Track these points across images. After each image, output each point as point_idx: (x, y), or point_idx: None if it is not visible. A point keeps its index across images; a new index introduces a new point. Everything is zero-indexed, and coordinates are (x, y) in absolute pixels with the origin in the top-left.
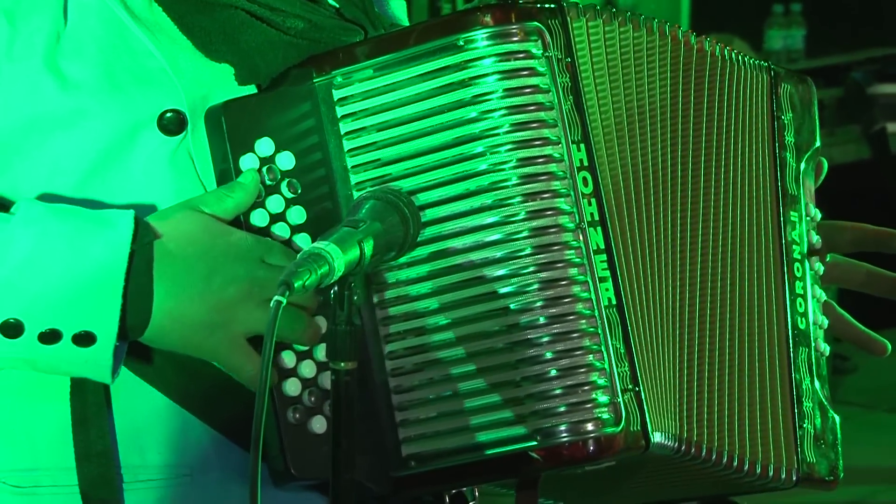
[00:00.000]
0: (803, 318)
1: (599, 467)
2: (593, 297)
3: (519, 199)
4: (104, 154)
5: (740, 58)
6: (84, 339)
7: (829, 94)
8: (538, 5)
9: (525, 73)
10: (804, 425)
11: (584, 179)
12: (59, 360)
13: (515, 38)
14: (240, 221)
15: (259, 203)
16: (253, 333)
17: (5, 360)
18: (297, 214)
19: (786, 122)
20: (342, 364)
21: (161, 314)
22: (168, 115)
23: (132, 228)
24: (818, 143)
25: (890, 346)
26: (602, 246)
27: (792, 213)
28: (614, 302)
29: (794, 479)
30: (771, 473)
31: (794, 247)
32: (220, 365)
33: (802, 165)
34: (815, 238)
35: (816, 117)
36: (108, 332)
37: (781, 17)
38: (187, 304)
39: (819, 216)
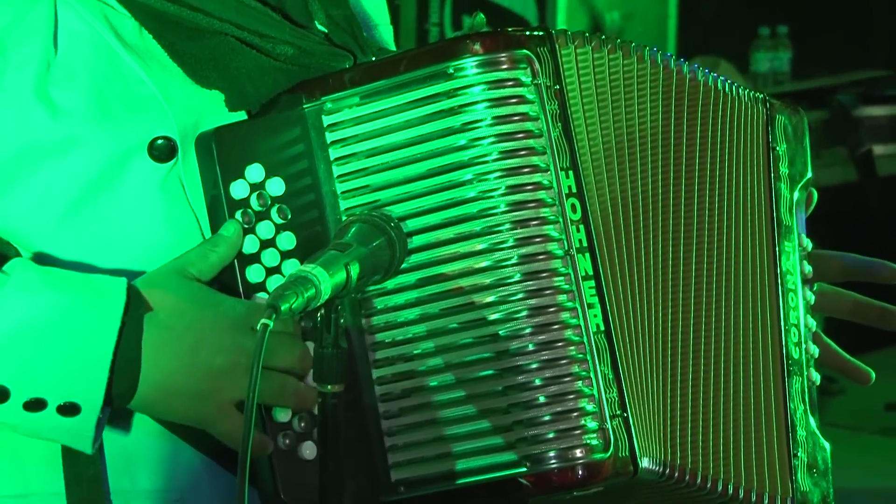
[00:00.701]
0: (797, 348)
1: (588, 493)
2: (582, 324)
3: (508, 225)
4: (95, 181)
5: (737, 90)
6: (69, 409)
7: (815, 117)
8: (527, 33)
9: (514, 100)
10: (798, 454)
11: (573, 206)
12: (42, 428)
13: (504, 66)
14: (233, 268)
15: (249, 229)
16: (241, 399)
17: None
18: (287, 240)
19: (780, 153)
20: (329, 387)
21: (147, 385)
22: (159, 142)
23: (124, 300)
24: (810, 174)
25: (874, 374)
26: (590, 272)
27: (786, 243)
28: (602, 328)
29: None
30: (766, 500)
31: (788, 277)
32: (212, 432)
33: (796, 195)
34: (808, 269)
35: (808, 147)
36: (94, 404)
37: (768, 40)
38: (174, 376)
39: (810, 246)
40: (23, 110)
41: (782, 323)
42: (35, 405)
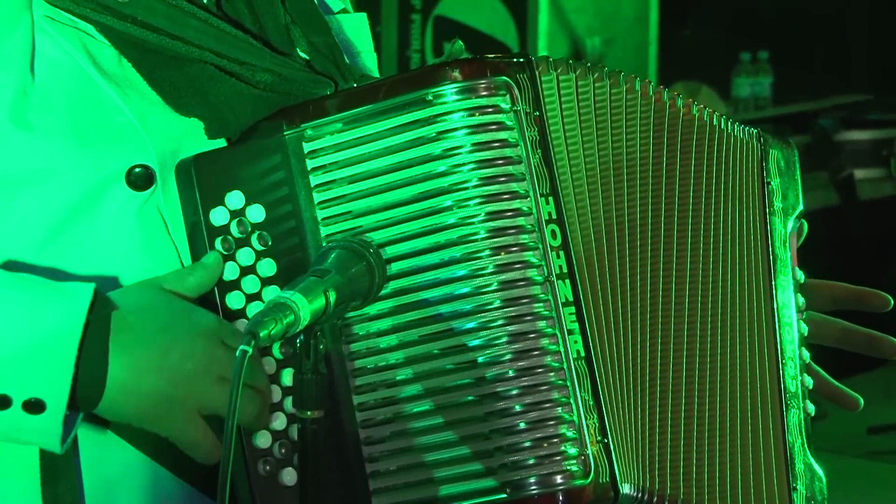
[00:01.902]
0: (794, 381)
1: None
2: (562, 350)
3: (487, 252)
4: (72, 209)
5: (732, 125)
6: (34, 406)
7: (797, 141)
8: (507, 60)
9: (493, 127)
10: (797, 486)
11: (553, 232)
12: (9, 427)
13: (484, 93)
14: (213, 295)
15: (229, 256)
16: (209, 411)
17: None
18: (268, 267)
19: (774, 187)
20: (308, 413)
21: (115, 386)
22: (136, 170)
23: (89, 299)
24: (801, 206)
25: (862, 401)
26: (571, 298)
27: (781, 277)
28: (583, 354)
29: None
30: None
31: (784, 311)
32: (175, 441)
33: (789, 229)
34: (801, 301)
35: (799, 180)
36: (59, 400)
37: (749, 65)
38: (143, 378)
39: (803, 278)
40: None
41: (779, 356)
42: (1, 402)
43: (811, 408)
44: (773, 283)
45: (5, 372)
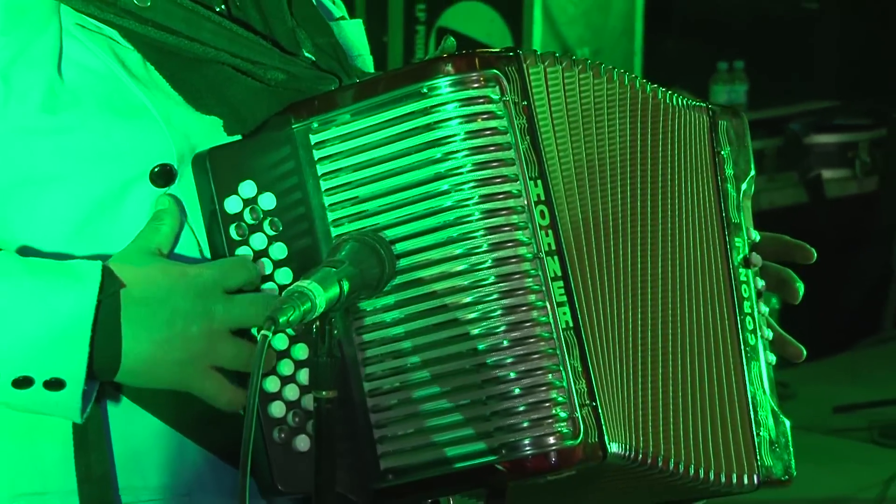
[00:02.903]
0: (753, 335)
1: (561, 477)
2: (552, 321)
3: (482, 232)
4: (97, 205)
5: (681, 101)
6: (55, 384)
7: (770, 144)
8: (496, 54)
9: (485, 116)
10: (760, 433)
11: (542, 212)
12: (32, 403)
13: (475, 85)
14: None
15: (243, 241)
16: (219, 365)
17: None
18: (279, 250)
19: (725, 156)
20: (324, 393)
21: (130, 357)
22: (159, 169)
23: (99, 280)
24: (753, 171)
25: (805, 352)
26: (559, 273)
27: (736, 239)
28: (571, 325)
29: (756, 482)
30: (734, 480)
31: (741, 270)
32: (197, 394)
33: (741, 193)
34: (757, 258)
35: (750, 146)
36: (77, 378)
37: (726, 74)
38: (155, 346)
39: (757, 237)
40: (28, 137)
41: (738, 313)
42: (23, 383)
43: (772, 358)
44: (728, 245)
45: (26, 355)
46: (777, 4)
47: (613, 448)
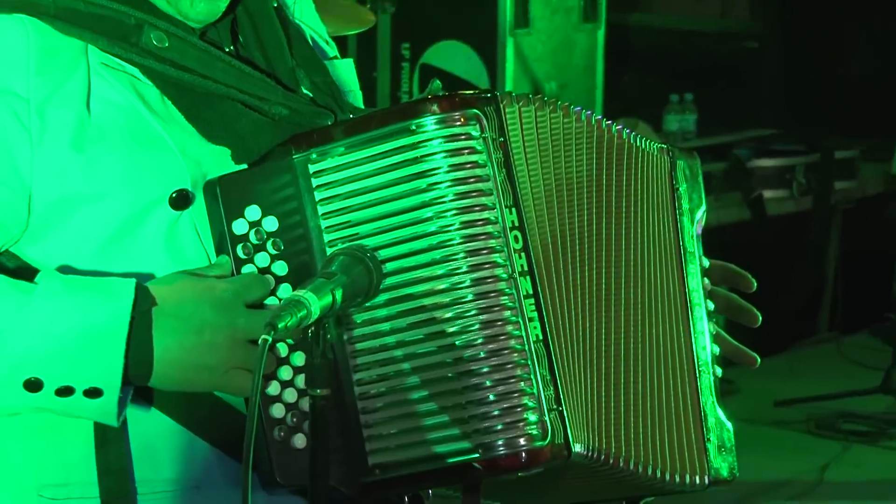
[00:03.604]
0: (704, 351)
1: (530, 474)
2: (524, 335)
3: (462, 254)
4: (122, 226)
5: (647, 143)
6: (93, 392)
7: (717, 167)
8: (477, 95)
9: (466, 151)
10: (710, 438)
11: (516, 237)
12: (73, 409)
13: (458, 123)
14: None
15: (249, 259)
16: (241, 367)
17: (27, 408)
18: (280, 267)
19: (681, 192)
20: (318, 391)
21: (162, 365)
22: (176, 194)
23: (132, 298)
24: (704, 205)
25: (759, 360)
26: (531, 291)
27: (691, 266)
28: (541, 338)
29: (706, 482)
30: (687, 480)
31: (694, 293)
32: (224, 391)
33: (695, 224)
34: (707, 282)
35: (702, 183)
36: (113, 387)
37: (677, 105)
38: (184, 355)
39: (707, 264)
40: (61, 166)
41: (692, 332)
42: (65, 392)
43: (719, 371)
44: (684, 271)
45: (68, 366)
46: (722, 44)
47: (577, 448)
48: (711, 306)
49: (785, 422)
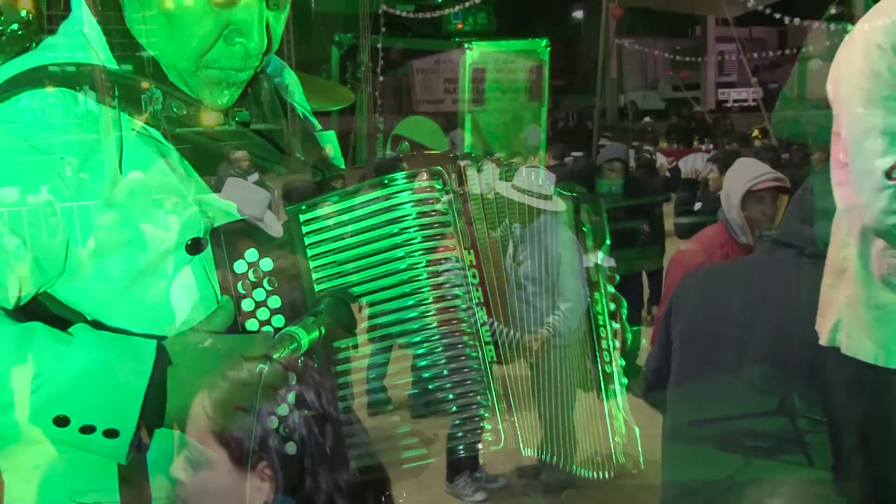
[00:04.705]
0: (609, 365)
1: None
2: (481, 356)
3: (428, 289)
4: (146, 268)
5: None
6: (111, 433)
7: (642, 222)
8: (441, 155)
9: (431, 201)
10: (616, 439)
11: (474, 274)
12: (90, 445)
13: (424, 178)
14: (236, 323)
15: (247, 294)
16: (244, 403)
17: (51, 439)
18: (274, 301)
19: (586, 231)
20: (306, 412)
21: (174, 410)
22: (191, 242)
23: (153, 358)
24: (608, 241)
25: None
26: (486, 320)
27: (596, 294)
28: (496, 359)
29: (613, 475)
30: (599, 475)
31: (600, 317)
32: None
33: (599, 259)
34: (611, 289)
35: (606, 224)
36: (129, 430)
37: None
38: (193, 399)
39: (617, 279)
40: (95, 218)
41: (597, 352)
42: (87, 429)
43: (625, 380)
44: (590, 299)
45: (93, 410)
46: None
47: (526, 452)
48: (613, 307)
49: (698, 439)
